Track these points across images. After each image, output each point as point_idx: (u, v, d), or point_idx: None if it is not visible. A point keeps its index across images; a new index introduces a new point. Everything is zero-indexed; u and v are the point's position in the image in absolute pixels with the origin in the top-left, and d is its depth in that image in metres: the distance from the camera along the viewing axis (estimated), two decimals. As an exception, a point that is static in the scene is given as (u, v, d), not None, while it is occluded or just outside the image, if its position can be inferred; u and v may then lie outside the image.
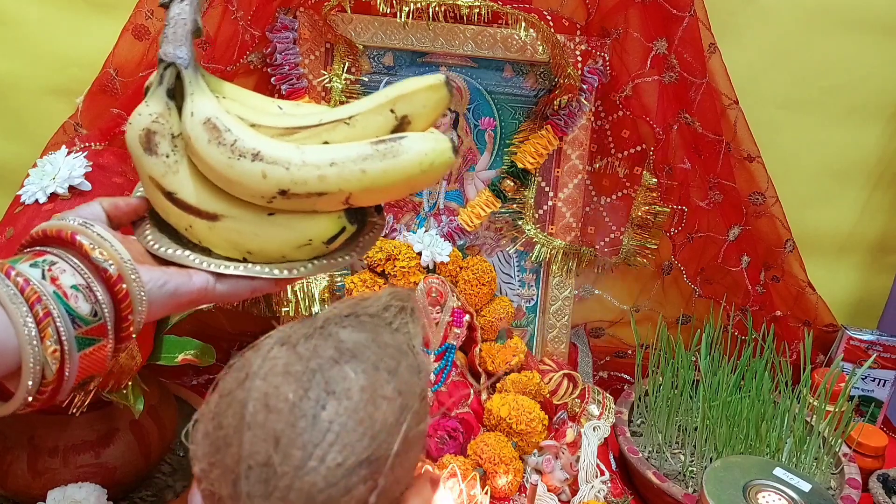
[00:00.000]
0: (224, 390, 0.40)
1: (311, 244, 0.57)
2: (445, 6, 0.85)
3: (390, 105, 0.56)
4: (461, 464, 0.82)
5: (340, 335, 0.42)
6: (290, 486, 0.37)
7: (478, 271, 0.94)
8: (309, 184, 0.52)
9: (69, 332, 0.44)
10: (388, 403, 0.40)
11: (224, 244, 0.55)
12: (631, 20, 0.96)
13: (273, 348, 0.41)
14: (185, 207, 0.54)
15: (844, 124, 1.06)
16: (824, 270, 1.11)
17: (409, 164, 0.53)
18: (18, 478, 0.73)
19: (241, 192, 0.54)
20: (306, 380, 0.39)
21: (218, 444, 0.39)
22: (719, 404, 0.85)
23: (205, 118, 0.53)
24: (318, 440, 0.38)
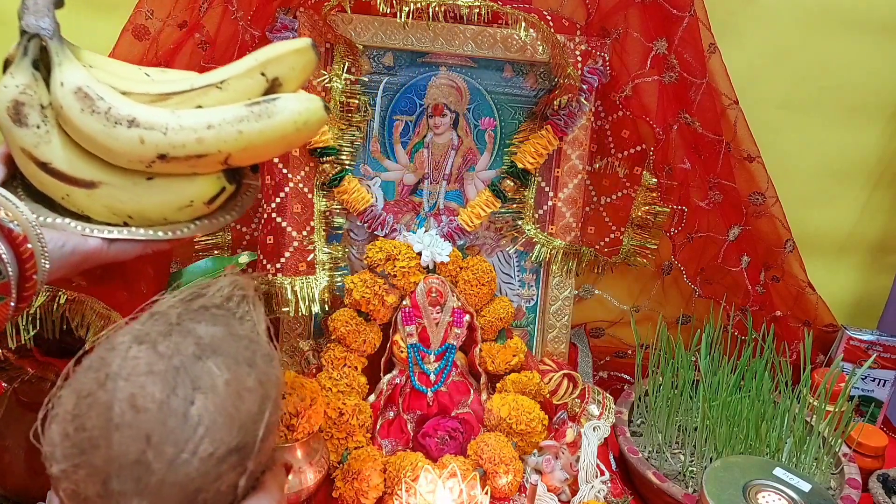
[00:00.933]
0: (82, 391, 0.40)
1: (193, 205, 0.58)
2: (445, 6, 0.85)
3: (261, 68, 0.58)
4: (461, 464, 0.82)
5: (198, 331, 0.44)
6: (162, 480, 0.39)
7: (478, 271, 0.94)
8: (187, 147, 0.54)
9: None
10: (251, 394, 0.43)
11: (103, 211, 0.56)
12: (631, 20, 0.96)
13: (131, 348, 0.42)
14: (61, 177, 0.55)
15: (844, 124, 1.06)
16: (824, 270, 1.11)
17: (284, 124, 0.55)
18: (17, 477, 0.73)
19: (119, 158, 0.54)
20: (171, 378, 0.41)
21: (83, 446, 0.39)
22: (719, 404, 0.85)
23: (76, 87, 0.53)
24: (189, 435, 0.39)
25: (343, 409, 0.86)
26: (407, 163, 1.00)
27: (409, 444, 0.90)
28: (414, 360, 0.91)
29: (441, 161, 1.01)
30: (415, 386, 0.91)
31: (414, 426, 0.90)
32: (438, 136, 0.99)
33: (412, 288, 0.91)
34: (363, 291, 0.90)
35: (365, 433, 0.87)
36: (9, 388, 0.75)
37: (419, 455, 0.84)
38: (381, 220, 0.98)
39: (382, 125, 0.98)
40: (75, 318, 0.65)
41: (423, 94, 0.97)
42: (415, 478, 0.78)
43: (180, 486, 0.39)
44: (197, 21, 0.88)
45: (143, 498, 0.39)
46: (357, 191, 0.97)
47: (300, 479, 0.77)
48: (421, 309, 0.91)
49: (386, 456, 0.86)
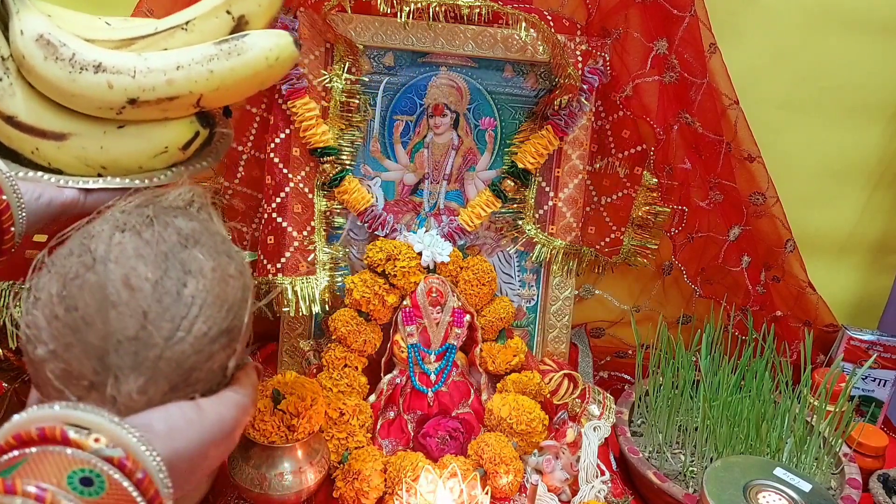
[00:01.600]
0: (68, 274, 0.41)
1: (167, 151, 0.56)
2: (446, 6, 0.85)
3: (226, 6, 0.56)
4: (462, 464, 0.82)
5: (177, 223, 0.45)
6: (159, 356, 0.40)
7: (478, 271, 0.94)
8: (158, 89, 0.52)
9: None
10: (235, 281, 0.45)
11: (75, 163, 0.54)
12: (631, 20, 0.96)
13: (114, 234, 0.43)
14: (29, 130, 0.53)
15: (844, 124, 1.06)
16: (825, 270, 1.11)
17: (255, 60, 0.54)
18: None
19: (87, 105, 0.52)
20: (161, 261, 0.42)
21: (76, 325, 0.40)
22: (720, 404, 0.85)
23: (37, 34, 0.51)
24: (184, 313, 0.41)
25: (343, 409, 0.86)
26: (407, 163, 1.00)
27: (410, 444, 0.90)
28: (414, 360, 0.91)
29: (441, 161, 1.01)
30: (415, 386, 0.91)
31: (414, 426, 0.90)
32: (439, 136, 0.99)
33: (412, 288, 0.91)
34: (363, 291, 0.90)
35: (365, 433, 0.87)
36: (9, 388, 0.75)
37: (419, 455, 0.84)
38: (382, 220, 0.98)
39: (383, 125, 0.98)
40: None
41: (423, 94, 0.97)
42: (415, 478, 0.78)
43: (176, 363, 0.41)
44: (197, 21, 0.88)
45: (141, 373, 0.40)
46: (357, 191, 0.97)
47: (300, 479, 0.77)
48: (421, 309, 0.91)
49: (386, 456, 0.86)
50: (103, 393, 0.39)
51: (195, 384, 0.42)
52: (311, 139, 0.93)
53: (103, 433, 0.35)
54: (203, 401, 0.42)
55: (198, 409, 0.41)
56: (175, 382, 0.41)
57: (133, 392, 0.40)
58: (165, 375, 0.40)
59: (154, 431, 0.38)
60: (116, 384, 0.39)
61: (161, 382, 0.40)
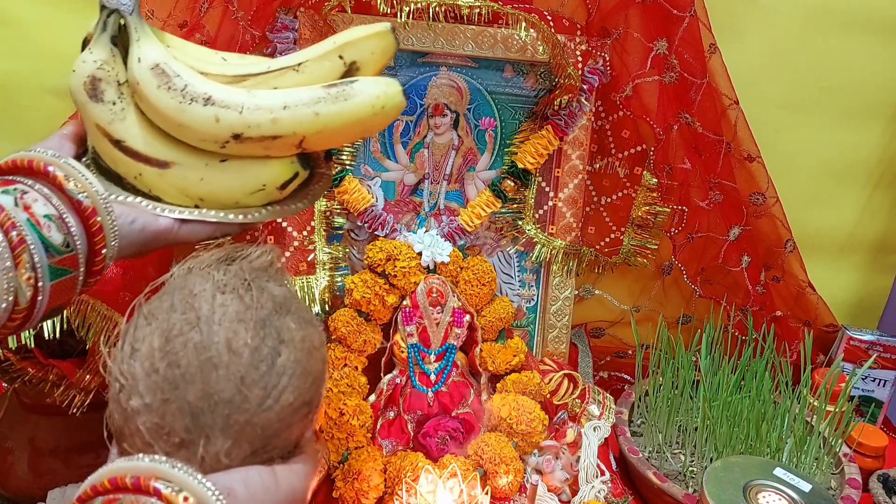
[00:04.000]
0: (173, 330, 0.42)
1: (265, 189, 0.57)
2: (446, 6, 0.85)
3: (339, 52, 0.57)
4: (461, 464, 0.82)
5: (270, 289, 0.46)
6: (248, 420, 0.41)
7: (478, 271, 0.94)
8: (262, 127, 0.53)
9: (43, 260, 0.43)
10: (318, 353, 0.46)
11: (174, 192, 0.55)
12: (631, 20, 0.96)
13: (216, 296, 0.44)
14: (134, 155, 0.54)
15: (844, 124, 1.06)
16: (824, 270, 1.11)
17: (361, 107, 0.54)
18: (20, 479, 0.73)
19: (193, 137, 0.53)
20: (260, 328, 0.43)
21: (175, 382, 0.41)
22: (719, 404, 0.85)
23: (153, 63, 0.52)
24: (275, 382, 0.43)
25: (344, 409, 0.86)
26: (407, 163, 1.00)
27: (410, 444, 0.90)
28: (414, 360, 0.91)
29: (441, 161, 1.01)
30: (415, 386, 0.91)
31: (414, 426, 0.90)
32: (439, 136, 0.99)
33: (412, 288, 0.91)
34: (363, 291, 0.90)
35: (365, 433, 0.87)
36: (9, 388, 0.75)
37: (419, 455, 0.84)
38: (382, 220, 0.98)
39: (383, 125, 0.98)
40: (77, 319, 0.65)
41: (423, 94, 0.97)
42: (415, 478, 0.78)
43: (262, 429, 0.42)
44: (197, 21, 0.88)
45: (229, 436, 0.41)
46: (357, 191, 0.97)
47: (301, 480, 0.77)
48: (421, 309, 0.91)
49: (386, 456, 0.86)
50: (194, 452, 0.40)
51: (272, 451, 0.44)
52: (311, 139, 0.93)
53: (191, 493, 0.36)
54: (278, 468, 0.43)
55: (274, 475, 0.42)
56: (256, 447, 0.42)
57: (220, 453, 0.41)
58: (249, 440, 0.42)
59: (235, 496, 0.39)
60: (206, 444, 0.40)
61: (244, 446, 0.42)
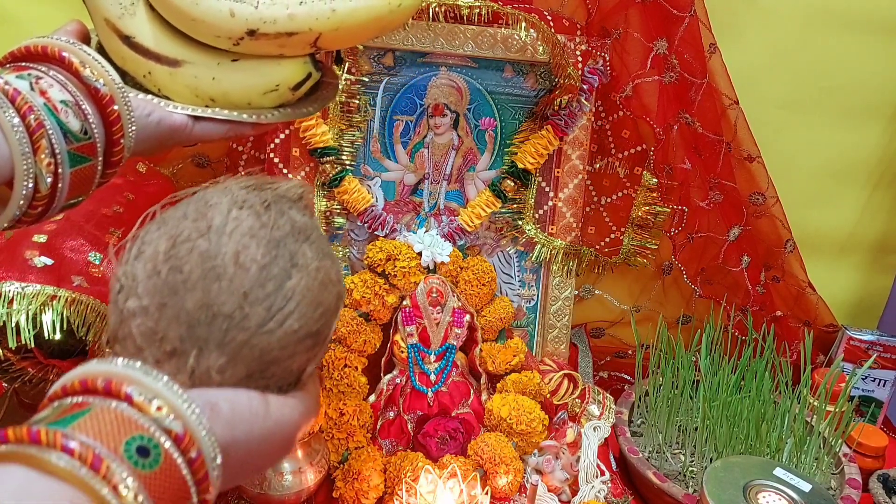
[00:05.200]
0: (180, 236, 0.40)
1: (278, 90, 0.55)
2: (446, 6, 0.85)
3: None
4: (461, 464, 0.82)
5: (292, 214, 0.44)
6: (247, 340, 0.39)
7: (478, 271, 0.94)
8: (278, 22, 0.51)
9: (62, 146, 0.42)
10: (333, 286, 0.44)
11: (186, 91, 0.53)
12: (631, 20, 0.96)
13: (232, 209, 0.42)
14: (145, 52, 0.52)
15: (844, 124, 1.06)
16: (824, 270, 1.11)
17: (378, 3, 0.53)
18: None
19: (207, 33, 0.52)
20: (272, 247, 0.41)
21: (175, 287, 0.39)
22: (719, 404, 0.85)
23: None
24: (281, 305, 0.40)
25: (343, 409, 0.86)
26: (407, 163, 1.00)
27: (410, 444, 0.90)
28: (414, 360, 0.91)
29: (441, 161, 1.01)
30: (415, 386, 0.91)
31: (414, 426, 0.90)
32: (439, 136, 0.99)
33: (412, 288, 0.91)
34: (363, 291, 0.90)
35: (365, 433, 0.87)
36: (9, 388, 0.75)
37: (419, 455, 0.84)
38: (382, 220, 0.98)
39: (383, 125, 0.98)
40: (77, 319, 0.64)
41: (423, 94, 0.97)
42: (415, 478, 0.78)
43: (260, 351, 0.40)
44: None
45: (224, 352, 0.39)
46: (357, 191, 0.97)
47: (300, 479, 0.77)
48: (421, 309, 0.91)
49: (386, 456, 0.86)
50: (184, 362, 0.38)
51: (270, 378, 0.41)
52: (310, 139, 0.93)
53: (165, 402, 0.34)
54: (271, 397, 0.41)
55: (265, 403, 0.40)
56: (252, 371, 0.40)
57: (213, 369, 0.39)
58: (246, 361, 0.40)
59: (218, 413, 0.37)
60: (198, 357, 0.39)
61: (240, 367, 0.40)
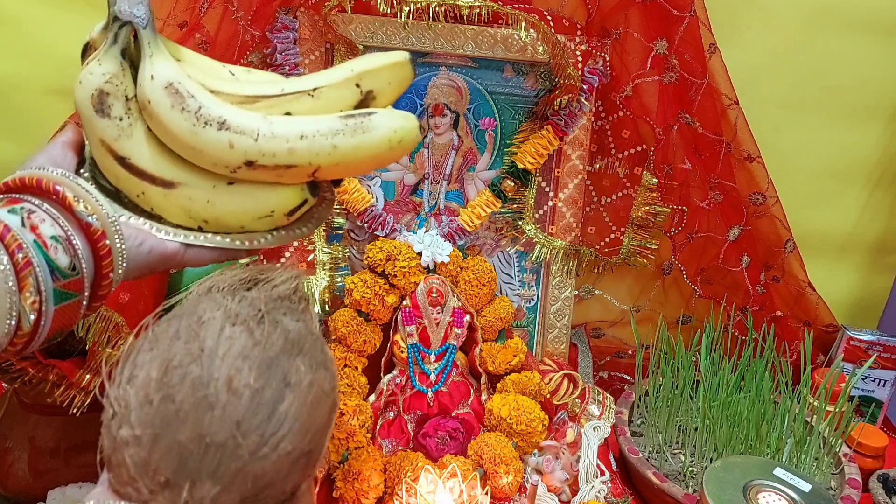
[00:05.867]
0: (172, 361, 0.39)
1: (273, 215, 0.56)
2: (446, 6, 0.85)
3: (356, 80, 0.55)
4: (461, 464, 0.82)
5: (285, 324, 0.43)
6: (240, 469, 0.39)
7: (478, 271, 0.94)
8: (278, 156, 0.51)
9: (48, 283, 0.42)
10: (326, 399, 0.43)
11: (179, 212, 0.53)
12: (631, 20, 0.96)
13: (225, 327, 0.41)
14: (140, 174, 0.52)
15: (845, 124, 1.06)
16: (824, 270, 1.11)
17: (378, 141, 0.53)
18: (19, 479, 0.73)
19: (204, 160, 0.52)
20: (265, 368, 0.40)
21: (168, 418, 0.38)
22: (719, 404, 0.85)
23: (167, 82, 0.50)
24: (274, 430, 0.40)
25: (344, 409, 0.86)
26: (407, 163, 1.00)
27: (410, 444, 0.90)
28: (414, 360, 0.91)
29: (441, 161, 1.01)
30: (415, 386, 0.91)
31: (414, 426, 0.90)
32: (439, 136, 0.99)
33: (412, 288, 0.91)
34: (363, 291, 0.90)
35: (365, 433, 0.87)
36: (9, 388, 0.75)
37: (419, 455, 0.84)
38: (382, 220, 0.98)
39: (383, 125, 0.98)
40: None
41: (423, 94, 0.97)
42: (415, 478, 0.78)
43: (254, 478, 0.39)
44: (197, 21, 0.88)
45: (217, 482, 0.39)
46: (357, 191, 0.97)
47: (301, 480, 0.77)
48: (421, 309, 0.91)
49: (386, 456, 0.86)
50: (177, 494, 0.38)
51: (264, 500, 0.41)
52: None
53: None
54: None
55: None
56: (246, 496, 0.40)
57: (206, 499, 0.39)
58: (240, 488, 0.39)
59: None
60: (191, 489, 0.38)
61: (234, 494, 0.39)
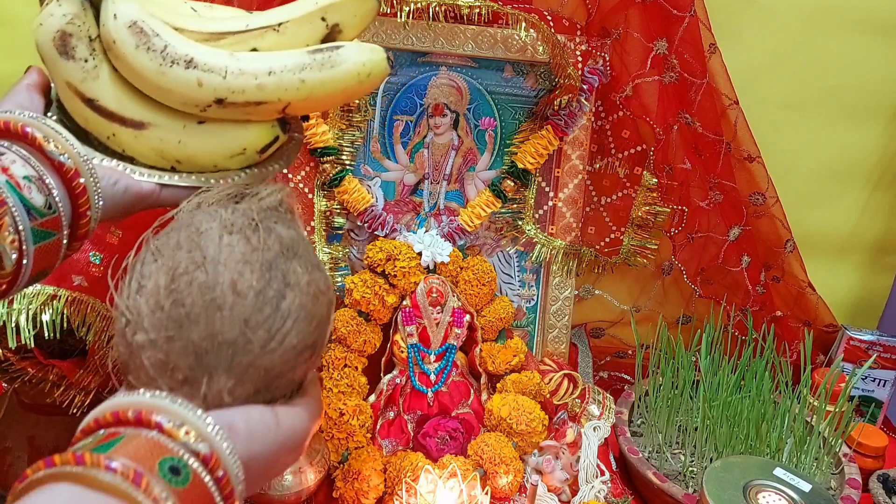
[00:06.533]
0: (178, 269, 0.42)
1: (245, 153, 0.56)
2: (446, 6, 0.85)
3: (321, 13, 0.55)
4: (461, 464, 0.82)
5: (278, 230, 0.46)
6: (252, 362, 0.42)
7: (478, 271, 0.94)
8: (247, 93, 0.51)
9: (25, 222, 0.42)
10: (323, 297, 0.47)
11: (151, 153, 0.53)
12: (631, 20, 0.96)
13: (223, 236, 0.44)
14: (108, 115, 0.52)
15: (844, 124, 1.06)
16: (824, 270, 1.11)
17: (347, 75, 0.53)
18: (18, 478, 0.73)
19: (173, 100, 0.51)
20: (265, 271, 0.43)
21: (180, 321, 0.41)
22: (719, 404, 0.85)
23: (130, 20, 0.50)
24: (279, 325, 0.43)
25: (343, 409, 0.86)
26: (407, 163, 1.00)
27: (410, 444, 0.90)
28: (414, 360, 0.91)
29: (441, 161, 1.01)
30: (415, 386, 0.91)
31: (414, 426, 0.90)
32: (439, 136, 0.99)
33: (412, 288, 0.91)
34: (363, 291, 0.90)
35: (365, 433, 0.87)
36: (9, 388, 0.75)
37: (419, 455, 0.84)
38: (382, 220, 0.98)
39: (383, 125, 0.98)
40: (77, 319, 0.64)
41: (423, 94, 0.97)
42: (415, 478, 0.78)
43: (265, 370, 0.43)
44: (197, 21, 0.88)
45: (232, 375, 0.42)
46: (357, 191, 0.97)
47: (300, 479, 0.77)
48: (421, 309, 0.91)
49: (386, 456, 0.86)
50: (196, 388, 0.41)
51: (275, 391, 0.44)
52: (311, 139, 0.93)
53: (192, 427, 0.37)
54: (279, 409, 0.44)
55: (275, 415, 0.43)
56: (258, 387, 0.43)
57: (223, 391, 0.41)
58: (252, 380, 0.42)
59: (236, 432, 0.39)
60: (209, 382, 0.41)
61: (247, 386, 0.42)
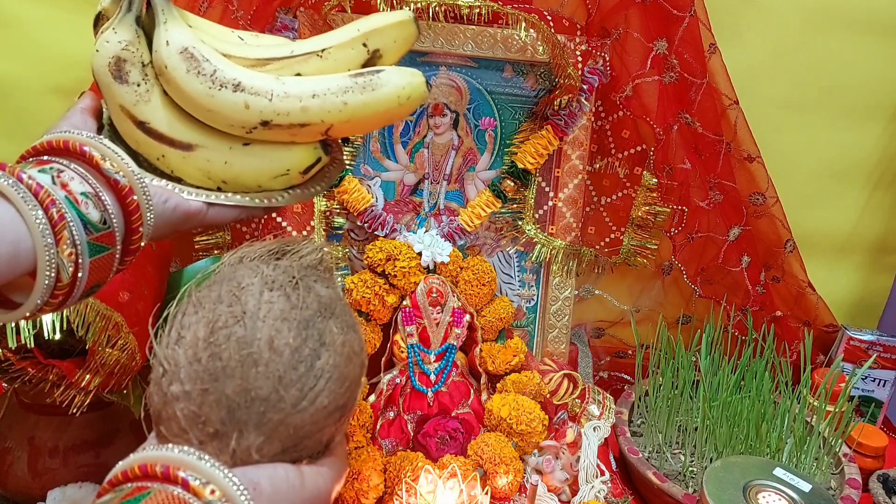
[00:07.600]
0: (218, 322, 0.43)
1: (288, 174, 0.57)
2: (445, 6, 0.85)
3: (363, 39, 0.58)
4: (461, 464, 0.82)
5: (318, 290, 0.47)
6: (282, 420, 0.43)
7: (478, 271, 0.94)
8: (291, 115, 0.53)
9: (82, 236, 0.44)
10: (357, 358, 0.47)
11: (198, 174, 0.55)
12: (631, 20, 0.96)
13: (264, 292, 0.45)
14: (159, 137, 0.54)
15: (844, 124, 1.06)
16: (824, 270, 1.11)
17: (388, 97, 0.56)
18: (19, 478, 0.73)
19: (221, 122, 0.54)
20: (302, 329, 0.44)
21: (216, 374, 0.42)
22: (719, 404, 0.85)
23: (182, 47, 0.52)
24: (312, 384, 0.44)
25: (343, 409, 0.86)
26: (407, 163, 1.00)
27: (410, 444, 0.90)
28: (414, 360, 0.91)
29: (441, 161, 1.01)
30: (415, 386, 0.91)
31: (414, 426, 0.90)
32: (438, 136, 0.99)
33: (412, 288, 0.91)
34: (363, 291, 0.90)
35: (365, 433, 0.87)
36: (9, 388, 0.75)
37: (419, 455, 0.84)
38: (382, 220, 0.98)
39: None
40: (77, 319, 0.64)
41: (423, 94, 0.97)
42: (415, 478, 0.78)
43: (294, 429, 0.43)
44: (197, 21, 0.88)
45: (261, 432, 0.42)
46: (357, 191, 0.97)
47: (301, 480, 0.77)
48: (421, 309, 0.91)
49: (386, 456, 0.86)
50: (226, 443, 0.42)
51: (302, 450, 0.45)
52: (310, 139, 0.93)
53: (217, 486, 0.37)
54: (305, 468, 0.44)
55: (300, 475, 0.43)
56: (287, 446, 0.43)
57: (252, 448, 0.42)
58: (281, 438, 0.43)
59: (260, 491, 0.40)
60: (239, 438, 0.42)
61: (276, 444, 0.43)
